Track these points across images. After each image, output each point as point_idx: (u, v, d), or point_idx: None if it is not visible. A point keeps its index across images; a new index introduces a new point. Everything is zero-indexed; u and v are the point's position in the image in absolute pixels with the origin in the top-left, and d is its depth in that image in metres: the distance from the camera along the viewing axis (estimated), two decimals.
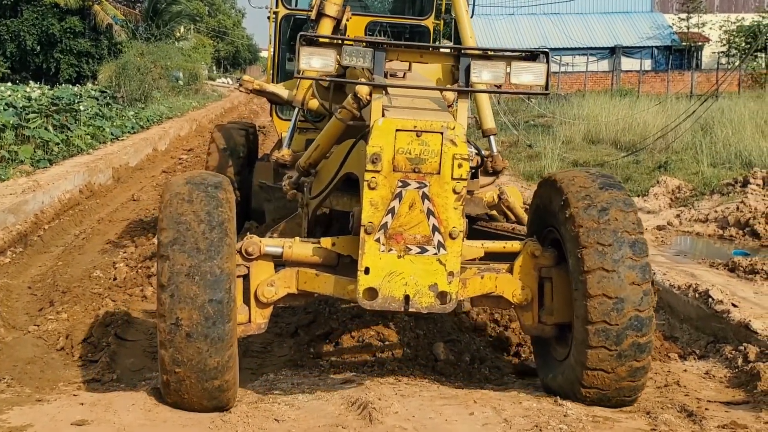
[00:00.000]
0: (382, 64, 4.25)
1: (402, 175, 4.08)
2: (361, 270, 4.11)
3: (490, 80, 4.32)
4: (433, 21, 7.74)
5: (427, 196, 4.11)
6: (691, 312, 6.26)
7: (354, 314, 5.86)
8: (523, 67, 4.32)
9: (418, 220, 4.13)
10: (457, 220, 4.12)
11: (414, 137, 4.06)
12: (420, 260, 4.12)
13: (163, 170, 15.36)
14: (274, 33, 7.68)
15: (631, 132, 17.20)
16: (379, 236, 4.11)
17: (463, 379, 5.11)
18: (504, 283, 4.55)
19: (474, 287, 4.50)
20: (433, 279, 4.13)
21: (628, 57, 44.61)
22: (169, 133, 21.06)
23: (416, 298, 4.13)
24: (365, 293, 4.11)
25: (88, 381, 4.90)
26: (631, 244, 4.20)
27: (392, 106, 4.24)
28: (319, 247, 4.48)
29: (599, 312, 4.13)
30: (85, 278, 7.44)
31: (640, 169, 13.28)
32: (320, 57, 4.18)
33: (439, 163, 4.08)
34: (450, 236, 4.12)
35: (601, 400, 4.31)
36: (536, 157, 15.26)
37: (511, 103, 30.66)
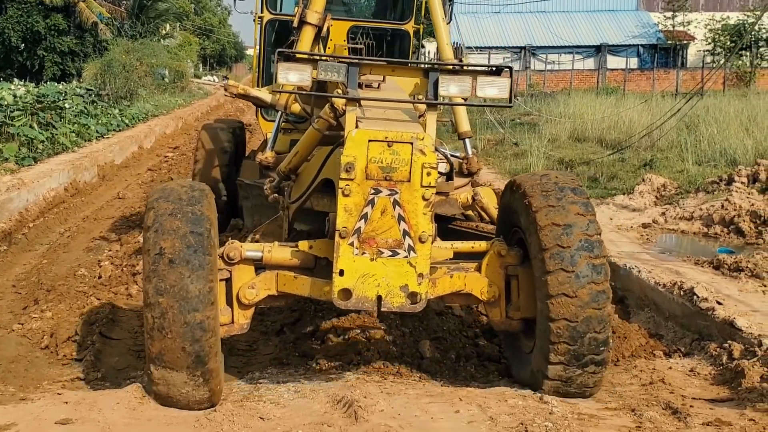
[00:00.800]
0: (356, 78, 4.52)
1: (374, 183, 4.28)
2: (336, 272, 4.30)
3: (458, 93, 4.61)
4: (413, 25, 7.97)
5: (398, 203, 4.32)
6: (676, 310, 6.29)
7: (340, 312, 5.86)
8: (488, 81, 4.59)
9: (389, 225, 4.34)
10: (427, 224, 4.34)
11: (385, 147, 4.26)
12: (391, 263, 4.33)
13: (149, 168, 15.31)
14: (260, 37, 7.84)
15: (617, 130, 17.26)
16: (353, 240, 4.31)
17: (449, 377, 5.11)
18: (472, 281, 4.81)
19: (444, 286, 4.75)
20: (404, 280, 4.34)
21: (613, 55, 44.79)
22: (155, 131, 20.98)
23: (388, 298, 4.34)
24: (340, 294, 4.31)
25: (73, 380, 4.88)
26: (589, 246, 4.44)
27: (365, 118, 4.44)
28: (296, 250, 4.69)
29: (560, 310, 4.39)
30: (69, 276, 7.40)
31: (625, 166, 13.32)
32: (297, 72, 4.45)
33: (409, 171, 4.29)
34: (420, 240, 4.34)
35: (563, 392, 4.55)
36: (522, 155, 15.30)
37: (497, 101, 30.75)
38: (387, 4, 8.70)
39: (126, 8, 40.33)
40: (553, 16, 45.94)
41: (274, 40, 7.88)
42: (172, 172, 14.11)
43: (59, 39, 33.28)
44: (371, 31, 7.69)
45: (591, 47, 44.91)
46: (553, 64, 43.90)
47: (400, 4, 8.27)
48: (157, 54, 34.34)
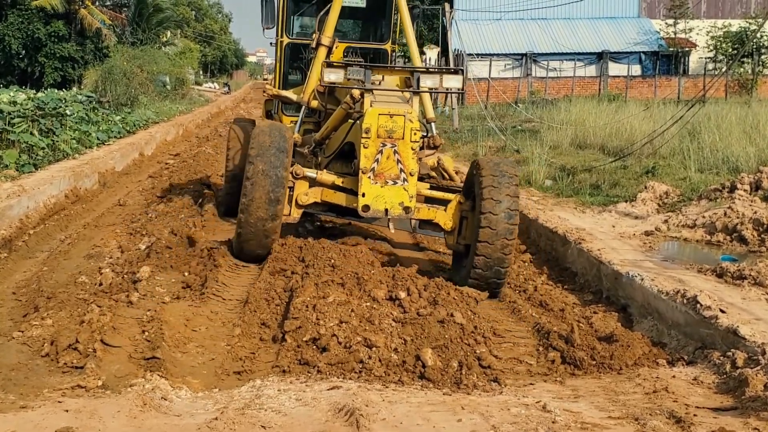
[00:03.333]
0: (370, 77, 7.98)
1: (382, 140, 7.64)
2: (360, 194, 7.72)
3: (431, 85, 8.03)
4: (390, 45, 10.87)
5: (397, 152, 7.67)
6: (679, 318, 6.28)
7: (341, 319, 5.85)
8: (450, 77, 7.93)
9: (391, 165, 7.69)
10: (414, 165, 7.70)
11: (389, 118, 7.62)
12: (393, 188, 7.71)
13: (150, 175, 15.31)
14: (281, 55, 10.78)
15: (619, 137, 17.25)
16: (370, 174, 7.69)
17: (451, 386, 5.10)
18: (441, 215, 8.17)
19: (423, 213, 8.17)
20: (400, 199, 7.71)
21: (615, 62, 44.78)
22: (156, 138, 20.99)
23: (391, 210, 7.72)
24: (363, 208, 7.71)
25: (73, 388, 4.86)
26: (510, 203, 7.47)
27: (375, 101, 7.80)
28: (335, 178, 8.23)
29: (486, 236, 7.41)
30: (70, 284, 7.39)
31: (627, 174, 13.32)
32: (335, 73, 8.03)
33: (403, 132, 7.64)
34: (410, 174, 7.70)
35: (481, 285, 7.47)
36: (524, 162, 15.29)
37: (498, 108, 30.75)
38: (370, 29, 11.66)
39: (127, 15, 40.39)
40: (555, 23, 45.96)
41: (290, 58, 10.90)
42: (173, 179, 14.10)
43: (60, 45, 33.30)
44: (360, 50, 10.50)
45: (592, 54, 44.92)
46: (555, 71, 43.90)
47: (380, 29, 11.21)
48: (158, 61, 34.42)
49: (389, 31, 10.90)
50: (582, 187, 12.70)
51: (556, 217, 10.30)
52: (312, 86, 9.63)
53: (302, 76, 10.90)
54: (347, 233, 9.74)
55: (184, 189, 12.74)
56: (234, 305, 6.91)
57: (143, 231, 9.58)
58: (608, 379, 5.42)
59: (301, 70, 11.12)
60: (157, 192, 12.96)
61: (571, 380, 5.44)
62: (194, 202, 11.65)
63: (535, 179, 13.47)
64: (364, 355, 5.39)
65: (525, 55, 44.37)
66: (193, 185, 13.11)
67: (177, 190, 12.67)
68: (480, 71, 39.16)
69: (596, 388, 5.22)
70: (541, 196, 12.24)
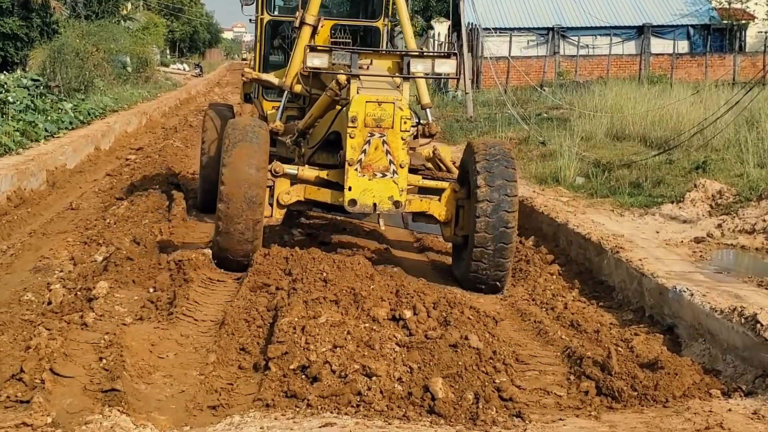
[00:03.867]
0: (357, 62, 8.58)
1: (370, 129, 8.19)
2: (346, 188, 8.27)
3: (422, 70, 8.73)
4: (382, 22, 11.27)
5: (386, 142, 8.21)
6: (735, 340, 6.28)
7: (335, 343, 5.85)
8: (442, 61, 8.70)
9: (380, 156, 8.24)
10: (404, 156, 8.28)
11: (377, 105, 8.17)
12: (382, 181, 8.28)
13: (108, 173, 15.35)
14: (261, 34, 11.35)
15: (663, 126, 17.26)
16: (357, 167, 8.23)
17: (466, 422, 5.10)
18: (435, 206, 8.89)
19: (416, 205, 8.87)
20: (390, 192, 8.29)
21: (658, 37, 44.78)
22: (114, 129, 21.03)
23: (380, 205, 8.31)
24: (349, 202, 8.30)
25: (17, 426, 4.86)
26: (507, 188, 8.35)
27: (362, 87, 8.37)
28: (318, 173, 8.81)
29: (483, 226, 8.30)
30: (13, 302, 7.40)
31: (673, 170, 13.32)
32: (319, 58, 8.66)
33: (393, 121, 8.19)
34: (400, 166, 8.27)
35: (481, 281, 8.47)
36: (550, 156, 15.31)
37: (520, 93, 30.79)
38: (360, 4, 12.32)
39: None
40: None
41: (271, 36, 11.46)
42: (136, 178, 14.13)
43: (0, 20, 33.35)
44: (349, 27, 10.90)
45: (632, 28, 44.92)
46: (587, 48, 43.89)
47: (371, 5, 11.67)
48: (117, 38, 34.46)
49: (381, 5, 11.34)
50: (620, 186, 12.70)
51: (589, 221, 10.32)
52: (295, 69, 10.03)
53: (285, 56, 11.39)
54: (342, 243, 9.75)
55: (148, 189, 12.76)
56: (208, 327, 6.91)
57: (100, 239, 9.60)
58: (652, 413, 5.42)
59: (283, 51, 11.59)
60: (116, 193, 12.99)
61: (607, 415, 5.44)
62: (161, 204, 11.66)
63: (564, 176, 13.49)
64: (362, 386, 5.39)
65: (552, 29, 44.38)
66: (159, 185, 13.13)
67: (140, 191, 12.70)
68: (498, 49, 39.17)
69: (638, 423, 5.22)
70: (571, 197, 12.26)
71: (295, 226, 10.81)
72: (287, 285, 7.43)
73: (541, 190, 12.61)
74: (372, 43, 11.53)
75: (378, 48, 11.10)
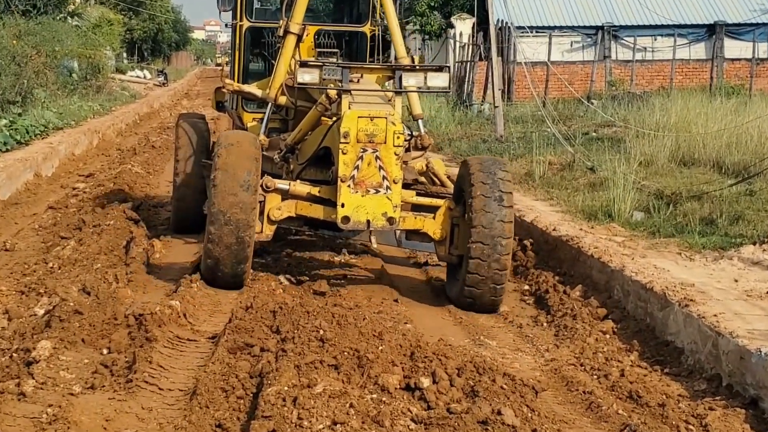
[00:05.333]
0: (348, 76, 10.09)
1: (362, 145, 9.70)
2: (338, 205, 9.75)
3: (414, 84, 10.35)
4: (369, 27, 13.05)
5: (379, 157, 9.73)
6: None
7: (335, 419, 5.83)
8: (435, 75, 10.30)
9: (373, 172, 9.74)
10: (398, 172, 9.84)
11: (369, 121, 9.69)
12: (375, 198, 9.77)
13: (50, 206, 15.35)
14: (240, 42, 12.93)
15: (742, 149, 17.23)
16: (350, 183, 9.71)
17: None
18: (429, 224, 10.43)
19: (409, 223, 10.40)
20: (384, 209, 9.78)
21: (734, 39, 44.83)
22: (59, 151, 21.07)
23: (374, 222, 9.81)
24: (342, 219, 9.76)
25: None
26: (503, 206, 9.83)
27: (354, 102, 9.94)
28: (311, 188, 10.32)
29: (478, 248, 9.75)
30: None
31: (755, 203, 13.30)
32: (309, 74, 10.19)
33: (385, 136, 9.71)
34: (393, 182, 9.79)
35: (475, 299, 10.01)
36: (601, 185, 15.29)
37: (562, 106, 30.85)
38: (345, 8, 14.09)
39: None
40: None
41: (251, 43, 13.08)
42: (85, 211, 14.14)
43: None
44: (333, 33, 12.87)
45: (701, 27, 44.99)
46: (645, 52, 43.96)
47: (357, 9, 13.54)
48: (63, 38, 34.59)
49: (368, 9, 13.08)
50: (688, 223, 12.65)
51: (650, 266, 10.30)
52: (279, 81, 11.63)
53: (265, 64, 13.36)
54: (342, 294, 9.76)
55: (100, 226, 12.76)
56: (176, 398, 6.90)
57: (41, 288, 9.59)
58: None
59: (263, 58, 13.50)
60: (60, 230, 12.99)
61: None
62: (116, 244, 11.67)
63: (618, 211, 13.48)
64: None
65: (601, 28, 44.49)
66: (115, 220, 13.11)
67: (91, 228, 12.70)
68: (535, 52, 39.30)
69: None
70: (627, 236, 12.24)
71: (283, 271, 10.81)
72: (275, 345, 7.43)
73: (590, 228, 12.60)
74: (358, 50, 13.40)
75: (365, 55, 13.21)
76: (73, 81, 36.61)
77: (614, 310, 9.85)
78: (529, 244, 12.39)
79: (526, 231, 12.83)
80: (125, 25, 71.75)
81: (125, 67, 67.51)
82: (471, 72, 35.75)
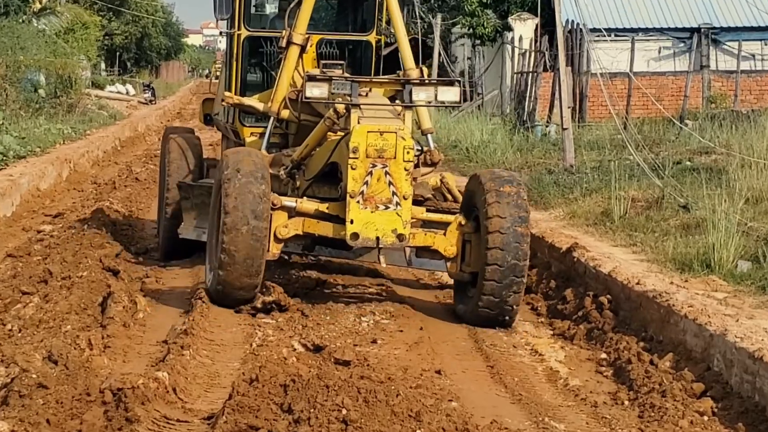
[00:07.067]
0: (357, 90, 11.76)
1: (372, 160, 11.47)
2: (348, 221, 11.53)
3: (425, 99, 12.39)
4: (374, 36, 14.84)
5: (388, 173, 11.49)
6: None
7: None
8: (445, 89, 12.32)
9: (382, 188, 11.50)
10: (408, 187, 11.64)
11: (379, 135, 11.50)
12: (385, 214, 11.55)
13: (9, 253, 15.38)
14: (238, 52, 14.65)
15: None
16: (359, 199, 11.47)
17: None
18: (439, 241, 12.20)
19: (419, 239, 12.15)
20: (393, 225, 11.57)
21: None
22: (20, 185, 21.17)
23: (383, 239, 11.55)
24: (351, 236, 11.54)
25: None
26: (520, 220, 11.70)
27: (363, 116, 11.73)
28: (318, 205, 12.11)
29: (495, 263, 11.57)
30: None
31: None
32: (318, 88, 12.06)
33: (395, 151, 11.52)
34: (403, 198, 11.58)
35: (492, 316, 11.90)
36: (697, 227, 15.20)
37: (648, 128, 30.73)
38: (349, 16, 15.91)
39: None
40: None
41: (249, 53, 14.95)
42: (53, 260, 14.20)
43: None
44: (336, 43, 14.90)
45: None
46: (753, 60, 43.88)
47: (361, 16, 15.37)
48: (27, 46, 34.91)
49: (373, 17, 14.99)
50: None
51: (759, 330, 10.24)
52: (282, 94, 13.59)
53: (263, 75, 15.23)
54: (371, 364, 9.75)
55: (71, 278, 12.81)
56: None
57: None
58: None
59: (262, 68, 15.31)
60: (21, 284, 13.03)
61: None
62: (90, 301, 11.71)
63: (719, 260, 13.41)
64: None
65: (697, 30, 44.45)
66: (89, 271, 13.17)
67: (59, 281, 12.75)
68: (614, 61, 39.15)
69: None
70: (730, 291, 12.19)
71: (297, 334, 10.83)
72: (286, 429, 7.43)
73: (683, 281, 12.54)
74: (363, 60, 15.12)
75: (370, 65, 14.95)
76: (39, 98, 36.80)
77: (714, 385, 9.78)
78: (607, 302, 12.34)
79: (602, 285, 12.80)
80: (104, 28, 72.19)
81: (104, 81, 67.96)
82: (533, 85, 35.59)
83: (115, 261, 14.12)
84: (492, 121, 32.47)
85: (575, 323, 12.29)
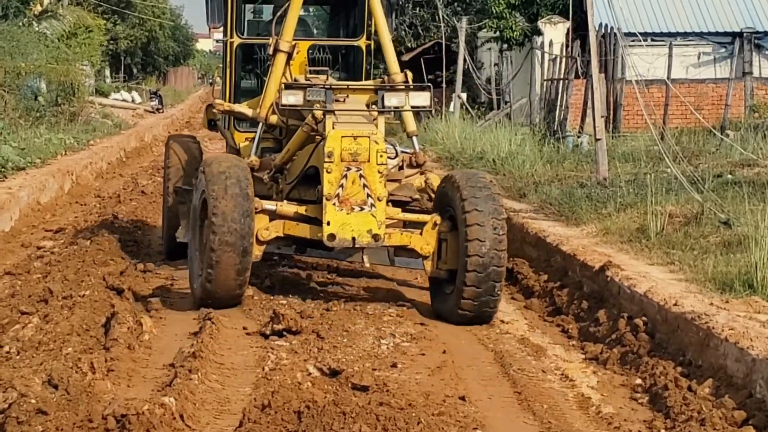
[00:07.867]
0: (331, 97, 13.66)
1: (346, 164, 13.14)
2: (324, 223, 13.11)
3: (397, 104, 14.22)
4: (364, 41, 16.39)
5: (363, 176, 13.17)
6: None
7: None
8: (416, 94, 14.30)
9: (357, 190, 13.17)
10: (382, 189, 13.31)
11: (353, 140, 13.19)
12: (360, 215, 13.20)
13: (7, 270, 15.42)
14: (231, 59, 16.21)
15: None
16: (335, 201, 13.10)
17: None
18: (416, 240, 13.65)
19: (396, 239, 13.68)
20: (369, 226, 13.18)
21: None
22: (19, 199, 21.21)
23: (359, 239, 13.17)
24: (328, 237, 13.11)
25: None
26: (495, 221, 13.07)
27: (338, 122, 13.52)
28: (297, 208, 13.80)
29: (474, 262, 12.91)
30: None
31: None
32: (294, 95, 13.93)
33: (369, 155, 13.20)
34: (378, 199, 13.23)
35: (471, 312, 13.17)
36: (739, 244, 15.15)
37: (686, 139, 30.65)
38: (340, 21, 17.85)
39: None
40: None
41: (242, 60, 16.57)
42: (53, 278, 14.23)
43: None
44: (327, 47, 16.49)
45: None
46: None
47: (352, 22, 16.97)
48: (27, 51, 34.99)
49: (363, 22, 16.38)
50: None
51: None
52: (270, 100, 14.84)
53: (258, 81, 16.75)
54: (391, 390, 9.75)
55: (73, 298, 12.84)
56: None
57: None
58: None
59: (256, 75, 16.99)
60: (20, 303, 13.07)
61: None
62: (93, 322, 11.72)
63: (762, 279, 13.38)
64: None
65: (739, 35, 44.40)
66: (92, 290, 13.20)
67: (60, 301, 12.77)
68: (650, 67, 39.15)
69: None
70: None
71: (312, 357, 10.84)
72: None
73: (724, 302, 12.50)
74: (354, 64, 16.78)
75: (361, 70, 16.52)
76: (40, 106, 36.84)
77: (756, 414, 9.75)
78: (642, 324, 12.27)
79: (637, 306, 12.74)
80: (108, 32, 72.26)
81: (108, 88, 67.99)
82: (564, 93, 35.48)
83: (120, 279, 14.14)
84: (520, 132, 32.30)
85: (608, 347, 12.20)
